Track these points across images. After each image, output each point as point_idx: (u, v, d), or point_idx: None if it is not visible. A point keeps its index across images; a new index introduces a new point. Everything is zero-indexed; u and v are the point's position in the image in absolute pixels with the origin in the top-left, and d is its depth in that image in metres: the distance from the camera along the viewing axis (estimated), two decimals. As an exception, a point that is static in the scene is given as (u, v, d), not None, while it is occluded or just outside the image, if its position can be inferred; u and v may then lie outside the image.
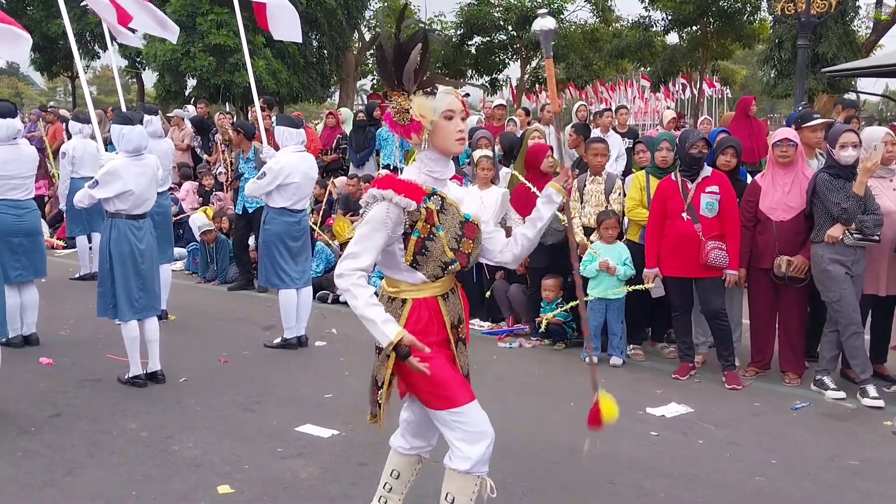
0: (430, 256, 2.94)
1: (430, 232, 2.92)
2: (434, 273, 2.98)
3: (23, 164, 6.42)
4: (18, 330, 6.55)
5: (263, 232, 6.71)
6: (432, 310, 3.04)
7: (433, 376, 2.96)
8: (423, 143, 2.95)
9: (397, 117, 2.91)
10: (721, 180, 5.89)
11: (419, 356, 2.91)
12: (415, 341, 2.87)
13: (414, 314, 3.01)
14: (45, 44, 30.41)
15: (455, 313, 3.12)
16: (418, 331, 2.97)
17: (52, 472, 4.29)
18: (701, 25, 31.96)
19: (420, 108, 2.88)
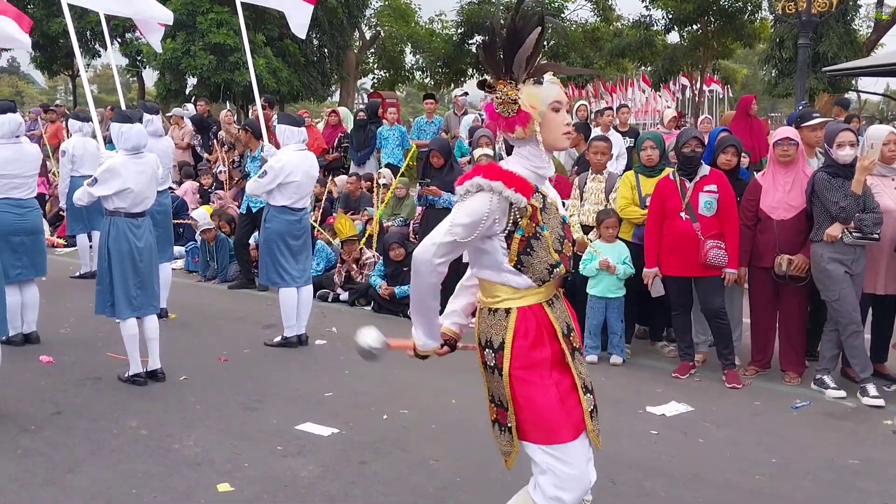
0: (536, 257, 2.70)
1: (534, 231, 2.68)
2: (541, 276, 2.72)
3: (25, 163, 6.42)
4: (19, 328, 6.55)
5: (264, 230, 6.71)
6: (540, 318, 2.77)
7: (534, 403, 2.73)
8: (529, 137, 2.68)
9: (501, 108, 2.65)
10: (719, 179, 5.89)
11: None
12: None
13: (521, 326, 2.74)
14: (46, 42, 30.37)
15: (563, 320, 2.85)
16: (528, 345, 2.73)
17: (52, 470, 4.30)
18: (702, 24, 31.94)
19: (530, 97, 2.63)
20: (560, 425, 2.74)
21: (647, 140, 6.47)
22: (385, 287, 7.93)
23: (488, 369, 2.83)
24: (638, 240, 6.35)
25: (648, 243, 6.01)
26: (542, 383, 2.74)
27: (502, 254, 2.70)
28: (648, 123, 27.21)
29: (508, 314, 2.76)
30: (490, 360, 2.80)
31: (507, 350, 2.74)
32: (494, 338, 2.78)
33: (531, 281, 2.73)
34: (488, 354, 2.80)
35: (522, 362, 2.73)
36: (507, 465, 2.95)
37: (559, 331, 2.80)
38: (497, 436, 2.92)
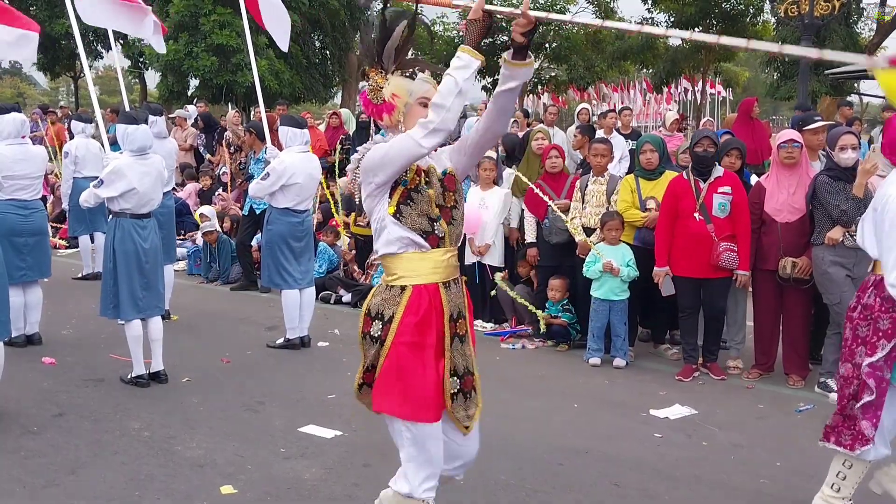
0: (415, 208, 2.85)
1: (417, 185, 2.87)
2: (421, 226, 2.86)
3: (31, 164, 6.42)
4: (21, 329, 6.54)
5: (266, 232, 6.71)
6: (432, 297, 2.91)
7: (406, 378, 2.87)
8: (392, 126, 2.89)
9: (371, 95, 2.86)
10: (733, 181, 5.90)
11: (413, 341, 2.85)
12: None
13: (414, 301, 2.89)
14: (48, 43, 30.38)
15: (456, 305, 2.99)
16: (417, 321, 2.87)
17: (55, 471, 4.29)
18: (703, 27, 31.93)
19: (395, 88, 2.82)
20: (428, 406, 2.89)
21: (647, 143, 6.48)
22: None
23: (370, 339, 2.96)
24: (640, 242, 6.36)
25: (659, 242, 6.00)
26: (418, 361, 2.88)
27: (385, 204, 2.85)
28: (650, 126, 27.21)
29: (403, 291, 2.90)
30: (376, 332, 2.93)
31: (394, 323, 2.89)
32: (386, 311, 2.92)
33: (412, 232, 2.86)
34: (375, 325, 2.94)
35: (407, 338, 2.87)
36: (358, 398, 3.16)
37: (447, 314, 2.93)
38: (367, 394, 3.07)
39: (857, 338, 3.57)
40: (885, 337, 3.46)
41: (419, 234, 2.87)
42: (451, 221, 2.96)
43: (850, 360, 3.62)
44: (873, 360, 3.47)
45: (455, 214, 2.99)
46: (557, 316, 6.74)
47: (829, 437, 3.71)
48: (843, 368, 3.67)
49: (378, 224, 2.92)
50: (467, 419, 3.08)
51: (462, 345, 3.02)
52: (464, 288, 3.08)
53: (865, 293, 3.60)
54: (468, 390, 3.05)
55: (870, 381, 3.48)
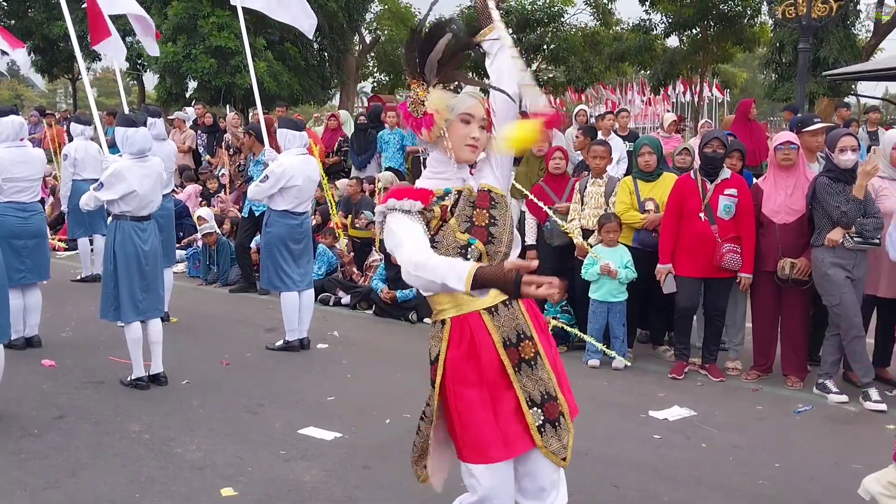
0: (441, 246, 2.63)
1: (440, 226, 2.66)
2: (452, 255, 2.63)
3: (30, 167, 6.43)
4: (21, 332, 6.55)
5: (265, 234, 6.72)
6: (475, 328, 2.68)
7: (464, 418, 2.67)
8: (435, 141, 2.71)
9: (412, 108, 2.69)
10: (739, 183, 5.92)
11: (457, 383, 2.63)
12: (519, 263, 2.30)
13: (455, 335, 2.68)
14: (46, 46, 30.43)
15: (512, 328, 2.72)
16: (460, 356, 2.67)
17: (55, 473, 4.30)
18: (701, 28, 31.98)
19: (436, 102, 2.64)
20: (488, 446, 2.67)
21: (645, 145, 6.51)
22: (386, 291, 7.93)
23: (431, 382, 2.78)
24: (638, 244, 6.37)
25: (664, 239, 6.02)
26: (471, 400, 2.68)
27: None
28: (648, 128, 27.22)
29: (444, 325, 2.73)
30: (431, 374, 2.76)
31: (440, 362, 2.71)
32: (433, 350, 2.76)
33: None
34: (431, 368, 2.77)
35: (453, 375, 2.69)
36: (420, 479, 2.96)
37: (498, 340, 2.69)
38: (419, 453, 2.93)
39: None
40: None
41: None
42: (489, 240, 2.70)
43: None
44: None
45: (494, 231, 2.72)
46: (556, 317, 6.75)
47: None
48: None
49: None
50: (563, 450, 2.83)
51: (533, 370, 2.75)
52: (523, 307, 2.81)
53: None
54: (555, 418, 2.78)
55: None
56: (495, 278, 2.26)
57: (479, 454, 2.68)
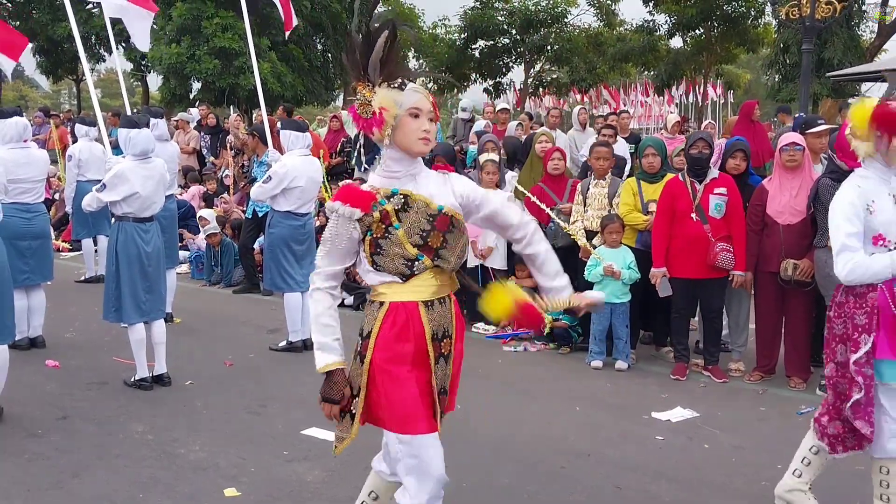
0: (387, 255, 2.77)
1: (385, 231, 2.77)
2: (398, 270, 2.78)
3: (34, 168, 6.44)
4: (25, 332, 6.56)
5: (269, 235, 6.73)
6: (410, 315, 2.83)
7: (394, 394, 2.81)
8: (384, 140, 2.79)
9: (360, 110, 2.76)
10: (728, 182, 5.95)
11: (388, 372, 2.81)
12: (342, 389, 2.83)
13: (389, 317, 2.83)
14: (50, 47, 30.53)
15: (441, 325, 2.88)
16: (393, 336, 2.82)
17: (58, 474, 4.31)
18: (705, 29, 31.94)
19: (383, 100, 2.71)
20: (417, 417, 2.82)
21: (649, 146, 6.50)
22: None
23: (355, 356, 2.92)
24: (642, 245, 6.37)
25: (657, 243, 6.03)
26: (402, 375, 2.82)
27: (363, 257, 2.84)
28: (651, 129, 27.21)
29: (381, 307, 2.86)
30: (358, 348, 2.91)
31: (372, 339, 2.84)
32: (365, 327, 2.89)
33: (394, 276, 2.81)
34: (358, 343, 2.91)
35: (385, 354, 2.82)
36: (336, 451, 3.06)
37: (428, 332, 2.85)
38: (339, 422, 2.99)
39: (836, 337, 3.57)
40: (865, 331, 3.45)
41: (398, 276, 2.81)
42: (435, 259, 2.82)
43: (832, 360, 3.59)
44: (857, 356, 3.45)
45: (443, 253, 2.84)
46: (559, 318, 6.75)
47: (835, 448, 3.63)
48: (828, 369, 3.64)
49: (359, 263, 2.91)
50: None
51: (446, 365, 2.95)
52: (454, 308, 2.97)
53: (837, 292, 3.63)
54: (443, 411, 3.00)
55: (858, 378, 3.44)
56: (330, 387, 2.83)
57: (409, 426, 2.81)
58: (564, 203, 6.89)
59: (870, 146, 3.46)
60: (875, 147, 3.45)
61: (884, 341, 3.41)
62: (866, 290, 3.47)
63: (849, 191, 3.56)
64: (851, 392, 3.48)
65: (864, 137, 3.48)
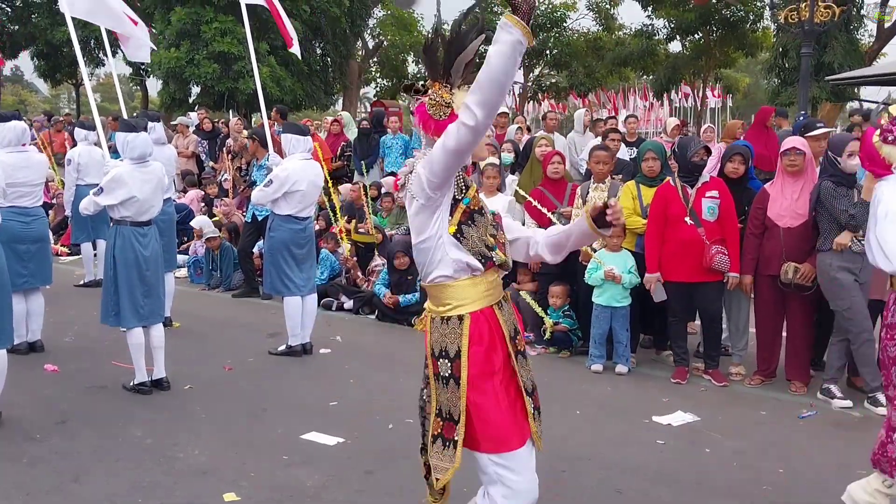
0: (476, 231, 2.71)
1: (479, 206, 2.75)
2: (479, 251, 2.71)
3: (32, 172, 6.43)
4: (24, 337, 6.54)
5: (269, 239, 6.72)
6: (492, 322, 2.79)
7: (488, 412, 2.73)
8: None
9: (433, 111, 2.67)
10: (719, 185, 5.99)
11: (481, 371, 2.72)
12: None
13: (475, 331, 2.75)
14: (49, 51, 30.52)
15: (511, 323, 2.88)
16: (484, 350, 2.74)
17: (58, 478, 4.29)
18: (703, 33, 32.02)
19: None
20: (510, 433, 2.75)
21: (649, 151, 6.50)
22: (389, 296, 7.93)
23: (441, 381, 2.80)
24: (641, 249, 6.36)
25: (650, 248, 6.03)
26: (494, 391, 2.76)
27: (445, 222, 2.71)
28: (650, 132, 27.23)
29: (462, 321, 2.76)
30: (445, 371, 2.78)
31: (464, 357, 2.74)
32: (450, 347, 2.77)
33: (470, 254, 2.72)
34: (443, 364, 2.78)
35: (480, 369, 2.75)
36: (437, 484, 2.90)
37: (507, 334, 2.83)
38: (439, 451, 2.84)
39: (892, 359, 3.55)
40: None
41: (478, 257, 2.73)
42: (506, 253, 2.87)
43: (892, 384, 3.57)
44: None
45: (507, 251, 2.89)
46: (559, 322, 6.74)
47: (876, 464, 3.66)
48: (890, 391, 3.61)
49: (431, 244, 2.74)
50: (540, 437, 2.96)
51: (525, 361, 2.94)
52: (511, 305, 2.99)
53: (890, 312, 3.58)
54: (538, 407, 2.96)
55: None
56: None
57: (501, 444, 2.73)
58: (564, 206, 6.88)
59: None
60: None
61: None
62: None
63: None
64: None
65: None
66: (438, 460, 2.85)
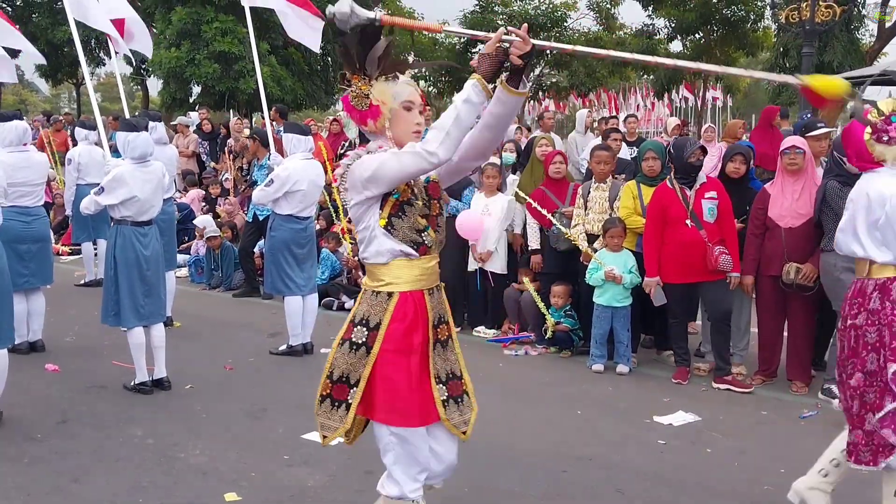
0: (406, 221, 2.91)
1: (409, 197, 2.92)
2: (411, 238, 2.92)
3: (33, 171, 6.43)
4: (24, 336, 6.54)
5: (270, 239, 6.72)
6: (418, 304, 2.97)
7: (393, 385, 2.91)
8: (378, 131, 2.93)
9: (355, 101, 2.88)
10: (717, 186, 5.97)
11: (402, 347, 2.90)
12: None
13: (400, 309, 2.94)
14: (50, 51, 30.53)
15: (438, 312, 3.06)
16: (404, 328, 2.93)
17: (58, 478, 4.29)
18: (704, 33, 31.97)
19: (380, 93, 2.85)
20: (413, 411, 2.93)
21: (649, 150, 6.49)
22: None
23: (351, 346, 2.99)
24: (642, 249, 6.35)
25: (649, 251, 6.01)
26: (406, 368, 2.93)
27: (376, 216, 2.90)
28: (651, 132, 27.22)
29: (391, 298, 2.95)
30: (359, 338, 2.97)
31: (382, 330, 2.93)
32: (372, 318, 2.96)
33: (402, 242, 2.90)
34: (358, 331, 2.98)
35: (396, 346, 2.92)
36: (324, 442, 3.17)
37: (431, 320, 3.00)
38: (327, 410, 3.08)
39: (867, 345, 3.52)
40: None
41: (410, 245, 2.93)
42: (436, 229, 3.03)
43: (860, 370, 3.53)
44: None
45: (440, 221, 3.07)
46: (560, 322, 6.73)
47: (850, 457, 3.63)
48: (854, 380, 3.57)
49: (367, 234, 2.95)
50: (464, 424, 3.12)
51: (444, 350, 3.08)
52: (444, 294, 3.14)
53: (866, 299, 3.56)
54: (458, 395, 3.09)
55: (894, 386, 3.39)
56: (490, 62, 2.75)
57: (403, 418, 2.93)
58: (566, 206, 6.88)
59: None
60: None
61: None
62: (879, 307, 3.43)
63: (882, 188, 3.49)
64: (884, 402, 3.43)
65: None
66: (326, 419, 3.10)
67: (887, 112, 3.44)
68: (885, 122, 3.45)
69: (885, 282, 3.47)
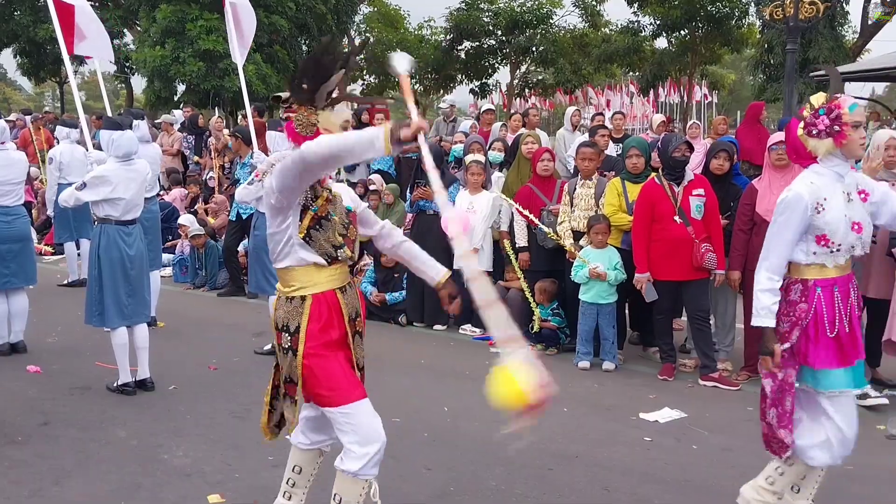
0: (323, 235, 3.11)
1: (327, 212, 3.14)
2: (326, 251, 3.13)
3: (12, 170, 6.36)
4: (6, 337, 6.48)
5: (254, 237, 6.68)
6: (331, 304, 3.18)
7: (328, 373, 3.13)
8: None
9: (300, 129, 3.10)
10: (704, 183, 5.98)
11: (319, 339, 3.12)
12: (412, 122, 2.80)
13: (315, 310, 3.15)
14: (33, 48, 30.29)
15: (352, 307, 3.28)
16: (321, 328, 3.14)
17: (39, 481, 4.24)
18: (689, 30, 32.10)
19: (326, 122, 3.11)
20: (350, 388, 3.15)
21: (633, 147, 6.50)
22: (376, 294, 7.90)
23: (283, 350, 3.22)
24: (627, 246, 6.36)
25: (638, 248, 6.01)
26: (332, 357, 3.16)
27: (294, 227, 3.11)
28: (636, 129, 27.27)
29: (304, 301, 3.16)
30: (286, 343, 3.19)
31: (302, 333, 3.15)
32: (291, 323, 3.17)
33: (317, 255, 3.12)
34: (285, 338, 3.19)
35: (317, 342, 3.14)
36: (290, 431, 3.45)
37: (346, 315, 3.24)
38: (290, 407, 3.35)
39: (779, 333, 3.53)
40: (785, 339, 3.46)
41: (324, 257, 3.15)
42: (353, 249, 3.30)
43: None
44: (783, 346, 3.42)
45: (355, 247, 3.32)
46: (547, 320, 6.72)
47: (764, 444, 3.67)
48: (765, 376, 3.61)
49: (283, 238, 3.14)
50: None
51: (361, 340, 3.37)
52: (356, 291, 3.40)
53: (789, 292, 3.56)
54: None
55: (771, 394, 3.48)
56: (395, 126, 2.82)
57: (345, 397, 3.13)
58: (554, 204, 6.87)
59: (830, 143, 3.39)
60: (835, 143, 3.38)
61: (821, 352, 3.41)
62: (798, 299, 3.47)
63: (800, 188, 3.50)
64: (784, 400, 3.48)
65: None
66: (291, 414, 3.37)
67: (817, 106, 3.43)
68: (813, 116, 3.44)
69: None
